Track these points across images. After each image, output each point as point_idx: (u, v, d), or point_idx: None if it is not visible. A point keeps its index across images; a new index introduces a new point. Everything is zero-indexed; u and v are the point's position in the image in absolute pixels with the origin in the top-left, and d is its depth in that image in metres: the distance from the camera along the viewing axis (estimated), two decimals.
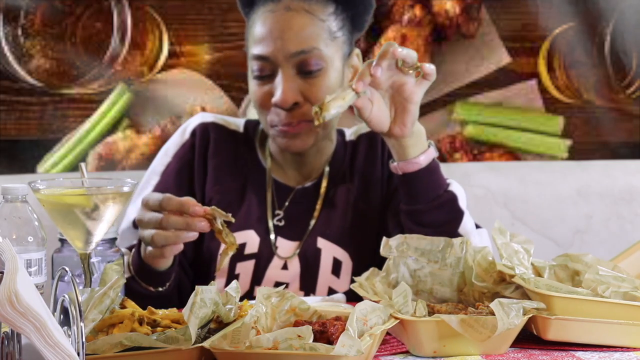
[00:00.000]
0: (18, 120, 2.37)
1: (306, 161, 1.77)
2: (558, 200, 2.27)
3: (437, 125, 2.51)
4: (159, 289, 1.57)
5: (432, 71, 1.47)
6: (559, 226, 2.26)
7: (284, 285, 1.26)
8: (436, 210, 1.56)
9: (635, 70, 2.56)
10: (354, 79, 1.45)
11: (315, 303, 1.34)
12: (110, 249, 1.38)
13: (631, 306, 1.21)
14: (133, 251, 1.57)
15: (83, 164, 1.23)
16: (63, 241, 1.37)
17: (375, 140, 1.77)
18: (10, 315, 0.89)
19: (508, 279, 1.30)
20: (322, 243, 1.71)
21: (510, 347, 1.22)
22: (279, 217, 1.75)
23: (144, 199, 1.48)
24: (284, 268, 1.70)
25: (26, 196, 1.23)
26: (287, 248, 1.72)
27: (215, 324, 1.19)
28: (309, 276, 1.70)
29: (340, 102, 1.43)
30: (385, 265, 1.39)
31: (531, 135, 2.55)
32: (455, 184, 1.61)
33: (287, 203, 1.76)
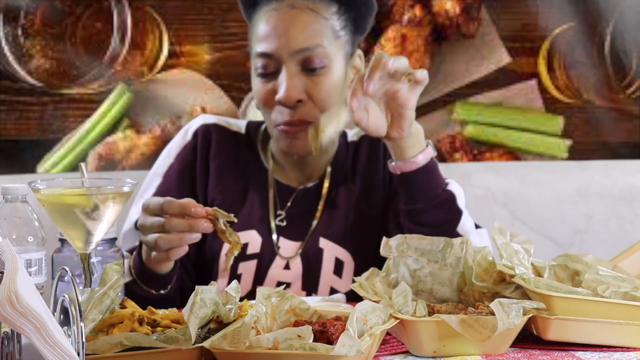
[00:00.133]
0: (18, 120, 2.37)
1: (308, 162, 1.77)
2: (558, 200, 2.27)
3: (437, 125, 2.50)
4: (160, 292, 1.57)
5: (425, 77, 1.48)
6: (559, 226, 2.26)
7: (285, 285, 1.26)
8: (435, 209, 1.56)
9: (635, 70, 2.56)
10: (347, 95, 1.45)
11: (315, 303, 1.34)
12: (110, 249, 1.38)
13: (631, 306, 1.21)
14: (134, 254, 1.57)
15: (83, 164, 1.23)
16: (63, 241, 1.37)
17: (377, 142, 1.77)
18: (10, 315, 0.89)
19: (508, 279, 1.30)
20: (324, 243, 1.71)
21: (510, 347, 1.21)
22: (281, 218, 1.75)
23: (145, 203, 1.48)
24: (286, 268, 1.71)
25: (26, 196, 1.23)
26: (289, 248, 1.72)
27: (215, 324, 1.19)
28: (311, 276, 1.70)
29: (335, 123, 1.45)
30: (385, 265, 1.39)
31: (531, 135, 2.55)
32: (454, 183, 1.61)
33: (289, 203, 1.76)
